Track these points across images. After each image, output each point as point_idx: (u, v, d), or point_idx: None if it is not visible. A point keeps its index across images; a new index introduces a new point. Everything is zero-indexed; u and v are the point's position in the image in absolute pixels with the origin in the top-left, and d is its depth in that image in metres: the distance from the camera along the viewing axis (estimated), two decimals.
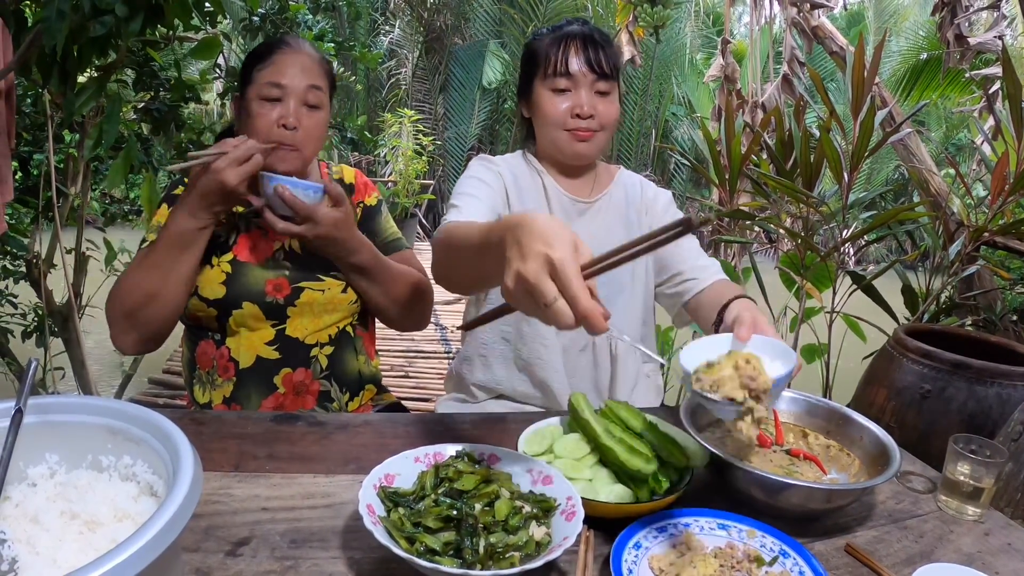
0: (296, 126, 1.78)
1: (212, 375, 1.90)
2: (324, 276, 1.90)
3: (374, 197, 2.12)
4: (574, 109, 1.89)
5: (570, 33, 1.92)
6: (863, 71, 3.01)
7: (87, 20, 2.16)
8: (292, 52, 1.83)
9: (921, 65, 9.11)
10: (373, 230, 2.06)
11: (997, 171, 3.05)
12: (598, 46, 1.90)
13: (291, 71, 1.79)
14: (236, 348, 1.87)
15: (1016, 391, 2.15)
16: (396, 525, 1.08)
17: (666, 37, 13.84)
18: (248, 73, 1.84)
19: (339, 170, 2.10)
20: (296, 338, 1.90)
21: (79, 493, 0.93)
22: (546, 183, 2.03)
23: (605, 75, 1.89)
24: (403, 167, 11.15)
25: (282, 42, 1.86)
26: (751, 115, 5.19)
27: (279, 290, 1.86)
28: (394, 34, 15.61)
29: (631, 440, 1.33)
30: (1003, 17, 4.34)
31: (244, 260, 1.86)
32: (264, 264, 1.88)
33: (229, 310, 1.84)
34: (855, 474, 1.44)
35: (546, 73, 1.91)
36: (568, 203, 2.03)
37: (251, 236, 1.90)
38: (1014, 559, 1.28)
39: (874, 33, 15.07)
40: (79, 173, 4.06)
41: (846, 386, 3.11)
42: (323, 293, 1.89)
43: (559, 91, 1.90)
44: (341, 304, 1.94)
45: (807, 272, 3.39)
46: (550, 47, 1.91)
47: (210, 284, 1.82)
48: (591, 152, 1.96)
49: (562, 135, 1.92)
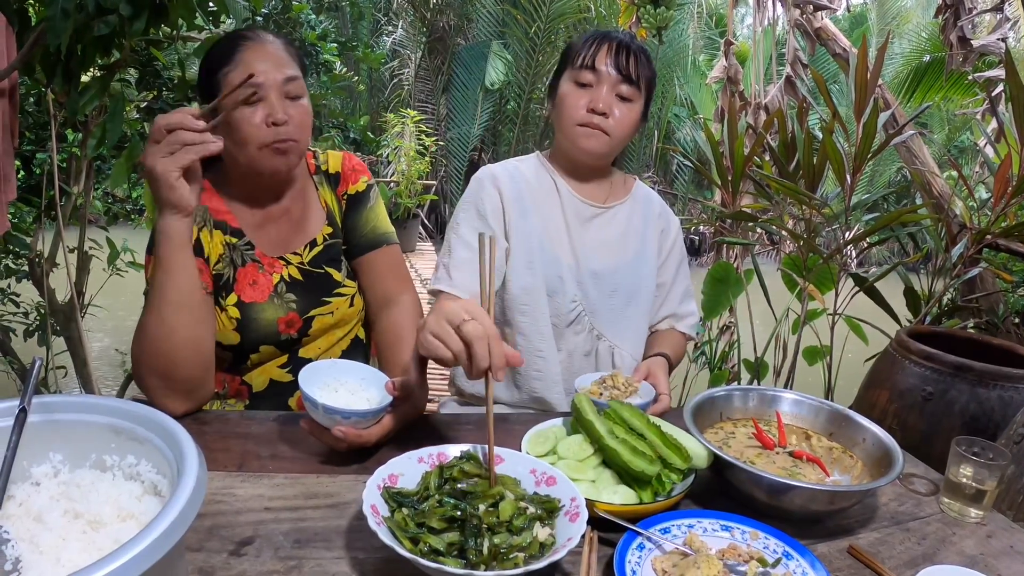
0: (286, 120, 1.67)
1: (224, 397, 1.88)
2: (329, 298, 1.87)
3: (363, 182, 1.97)
4: (592, 104, 1.89)
5: (609, 35, 1.94)
6: (866, 73, 3.01)
7: (91, 19, 2.17)
8: (257, 46, 1.70)
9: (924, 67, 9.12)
10: (355, 223, 1.94)
11: (1000, 173, 3.05)
12: (631, 53, 1.91)
13: (263, 67, 1.66)
14: (250, 376, 1.86)
15: (1019, 393, 2.15)
16: (400, 525, 1.08)
17: (669, 38, 13.85)
18: (212, 78, 1.70)
19: (325, 158, 1.98)
20: (309, 358, 1.86)
21: (82, 492, 0.93)
22: (559, 186, 2.03)
23: (630, 79, 1.90)
24: (406, 167, 11.13)
25: (241, 37, 1.71)
26: (754, 117, 5.18)
27: (291, 326, 1.82)
28: (397, 34, 15.60)
29: (634, 441, 1.34)
30: (1006, 19, 4.33)
31: (249, 300, 1.79)
32: (270, 300, 1.81)
33: (246, 354, 1.81)
34: (858, 476, 1.44)
35: (573, 66, 1.93)
36: (581, 207, 2.04)
37: (247, 271, 1.81)
38: (1016, 561, 1.28)
39: (877, 35, 15.07)
40: (82, 172, 4.06)
41: (848, 388, 3.11)
42: (332, 315, 1.87)
43: (582, 85, 1.92)
44: (351, 318, 1.93)
45: (809, 274, 3.39)
46: (585, 43, 1.93)
47: (222, 331, 1.76)
48: (598, 150, 1.95)
49: (575, 129, 1.93)
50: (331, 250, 1.90)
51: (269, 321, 1.79)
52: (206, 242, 1.76)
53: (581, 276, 2.01)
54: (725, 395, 1.64)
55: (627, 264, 2.05)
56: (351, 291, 1.91)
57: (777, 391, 1.67)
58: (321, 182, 1.93)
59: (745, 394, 1.66)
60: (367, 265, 1.92)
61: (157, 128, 1.44)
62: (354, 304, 1.91)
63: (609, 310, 2.04)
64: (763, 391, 1.67)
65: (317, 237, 1.88)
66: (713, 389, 1.64)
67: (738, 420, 1.62)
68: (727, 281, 3.93)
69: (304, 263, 1.86)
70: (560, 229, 2.01)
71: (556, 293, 1.98)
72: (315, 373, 1.46)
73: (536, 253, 1.94)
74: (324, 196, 1.92)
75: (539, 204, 2.01)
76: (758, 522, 1.26)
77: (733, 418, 1.62)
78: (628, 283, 2.05)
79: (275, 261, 1.84)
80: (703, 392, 1.61)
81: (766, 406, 1.64)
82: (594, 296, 2.02)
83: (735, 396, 1.65)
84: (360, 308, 1.94)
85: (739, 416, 1.63)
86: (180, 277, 1.54)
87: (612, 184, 2.12)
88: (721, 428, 1.59)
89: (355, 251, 1.93)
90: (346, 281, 1.90)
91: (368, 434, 1.42)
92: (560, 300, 1.99)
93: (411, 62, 15.58)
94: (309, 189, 1.91)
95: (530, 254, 1.93)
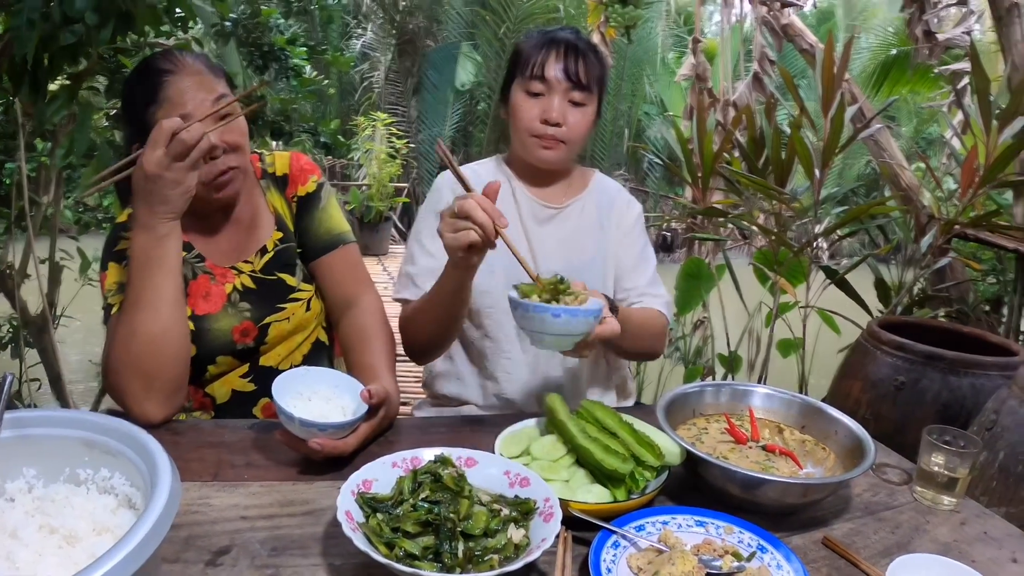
0: (224, 146, 1.63)
1: (189, 410, 1.85)
2: (284, 304, 1.84)
3: (312, 182, 1.92)
4: (544, 114, 1.88)
5: (555, 39, 1.91)
6: (833, 68, 3.04)
7: (57, 28, 2.15)
8: (179, 76, 1.62)
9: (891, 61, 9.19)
10: (308, 225, 1.90)
11: (966, 164, 3.09)
12: (579, 56, 1.88)
13: (190, 98, 1.60)
14: (212, 388, 1.84)
15: (989, 381, 2.18)
16: (375, 531, 1.08)
17: (638, 37, 13.84)
18: (139, 115, 1.63)
19: (272, 160, 1.92)
20: (270, 366, 1.85)
21: (57, 507, 0.93)
22: (515, 188, 2.03)
23: (581, 85, 1.89)
24: (377, 171, 11.08)
25: (160, 71, 1.62)
26: (723, 113, 5.22)
27: (246, 335, 1.79)
28: (366, 37, 15.53)
29: (607, 440, 1.34)
30: (971, 13, 4.38)
31: (203, 312, 1.76)
32: (224, 311, 1.78)
33: (204, 366, 1.78)
34: (831, 468, 1.46)
35: (523, 75, 1.91)
36: (538, 208, 2.03)
37: (199, 283, 1.78)
38: (990, 547, 1.30)
39: (844, 30, 15.14)
40: (52, 182, 4.04)
41: (822, 379, 3.14)
42: (289, 320, 1.84)
43: (533, 95, 1.90)
44: (309, 322, 1.90)
45: (781, 268, 3.42)
46: (532, 50, 1.90)
47: None
48: (556, 160, 1.96)
49: (530, 140, 1.92)
50: (283, 256, 1.86)
51: (223, 331, 1.77)
52: None
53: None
54: (697, 391, 1.64)
55: (588, 260, 2.04)
56: (307, 295, 1.88)
57: (749, 386, 1.68)
58: (268, 186, 1.89)
59: (717, 390, 1.67)
60: (325, 267, 1.89)
61: (163, 133, 1.43)
62: (311, 308, 1.88)
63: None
64: (735, 386, 1.69)
65: (267, 244, 1.85)
66: (685, 385, 1.65)
67: (711, 416, 1.63)
68: (699, 277, 3.96)
69: (256, 271, 1.83)
70: (518, 232, 2.00)
71: None
72: (287, 383, 1.46)
73: (496, 257, 1.94)
74: (272, 201, 1.89)
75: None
76: (732, 516, 1.27)
77: (706, 414, 1.63)
78: (589, 279, 2.05)
79: (227, 271, 1.81)
80: (675, 389, 1.62)
81: (738, 401, 1.65)
82: None
83: (707, 392, 1.66)
84: (318, 311, 1.91)
85: (711, 412, 1.64)
86: (179, 275, 1.58)
87: (571, 181, 2.11)
88: (694, 424, 1.60)
89: (311, 254, 1.90)
90: (301, 285, 1.87)
91: (344, 444, 1.42)
92: None
93: (381, 65, 15.51)
94: (256, 195, 1.88)
95: (490, 258, 1.94)
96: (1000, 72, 4.03)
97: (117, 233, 1.77)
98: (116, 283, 1.71)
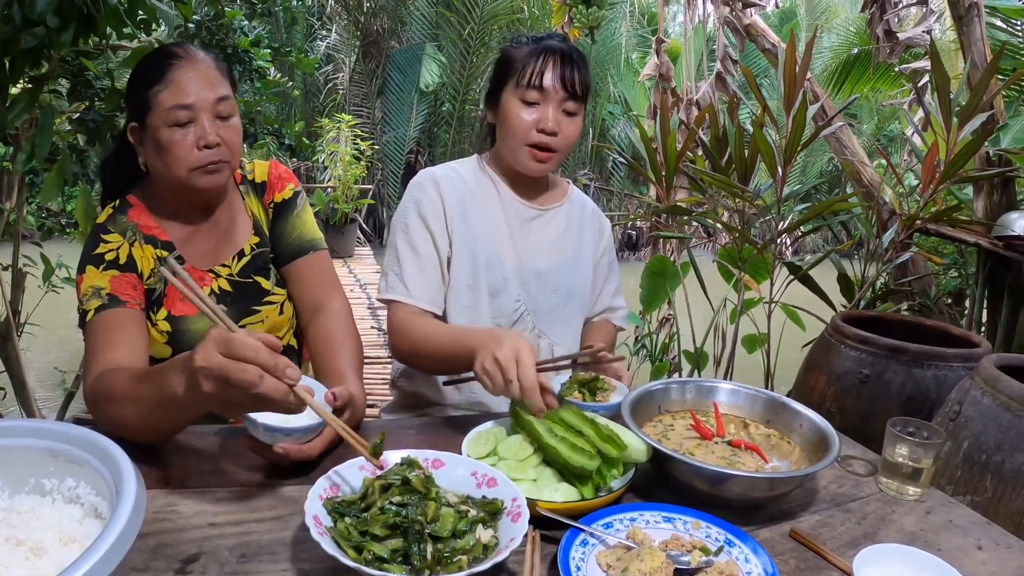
0: (219, 142, 1.67)
1: None
2: (259, 307, 1.87)
3: (289, 189, 1.96)
4: (539, 123, 1.88)
5: (550, 47, 1.90)
6: (795, 67, 3.07)
7: (18, 31, 2.13)
8: (188, 64, 1.67)
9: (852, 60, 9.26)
10: (282, 230, 1.94)
11: (927, 161, 3.14)
12: (575, 66, 1.89)
13: (194, 87, 1.64)
14: None
15: (952, 372, 2.21)
16: (343, 535, 1.08)
17: (601, 37, 13.93)
18: (141, 95, 1.66)
19: (251, 167, 1.96)
20: None
21: (23, 519, 0.92)
22: (499, 189, 2.04)
23: (576, 95, 1.90)
24: (342, 172, 11.06)
25: (171, 55, 1.67)
26: (686, 113, 5.24)
27: None
28: (331, 39, 15.47)
29: (573, 438, 1.35)
30: (931, 12, 4.43)
31: (179, 314, 1.78)
32: (200, 313, 1.77)
33: None
34: (796, 461, 1.48)
35: (519, 83, 1.89)
36: (522, 208, 2.05)
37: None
38: (956, 535, 1.33)
39: (806, 30, 15.32)
40: (14, 187, 3.98)
41: (787, 374, 3.17)
42: (263, 323, 1.87)
43: (528, 103, 1.90)
44: (281, 325, 1.93)
45: (745, 264, 3.45)
46: (527, 57, 1.90)
47: (154, 345, 1.75)
48: (548, 170, 1.98)
49: (523, 150, 1.92)
50: (259, 259, 1.90)
51: (199, 333, 1.76)
52: (138, 257, 1.75)
53: (524, 276, 2.02)
54: (662, 388, 1.66)
55: (567, 263, 2.07)
56: (280, 299, 1.91)
57: (714, 382, 1.70)
58: (247, 192, 1.93)
59: (682, 386, 1.68)
60: (295, 272, 1.92)
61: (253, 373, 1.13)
62: (284, 312, 1.91)
63: (550, 309, 2.05)
64: (700, 383, 1.70)
65: (245, 247, 1.88)
66: (650, 383, 1.66)
67: (676, 412, 1.64)
68: (664, 274, 3.98)
69: (233, 274, 1.86)
70: (503, 231, 2.01)
71: (499, 293, 1.99)
72: None
73: (479, 255, 1.94)
74: (251, 206, 1.92)
75: (480, 207, 2.01)
76: (700, 512, 1.28)
77: (671, 411, 1.64)
78: (568, 282, 2.07)
79: (205, 274, 1.83)
80: (641, 387, 1.63)
81: (703, 397, 1.67)
82: (537, 295, 2.03)
83: (672, 389, 1.67)
84: (290, 315, 1.94)
85: (677, 408, 1.65)
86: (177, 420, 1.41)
87: (550, 187, 2.13)
88: (660, 421, 1.61)
89: (283, 258, 1.93)
90: (275, 289, 1.90)
91: (310, 448, 1.41)
92: (503, 300, 2.00)
93: (345, 66, 15.46)
94: (236, 200, 1.91)
95: (473, 256, 1.93)
96: (960, 70, 4.08)
97: (97, 235, 1.75)
98: (92, 287, 1.68)
